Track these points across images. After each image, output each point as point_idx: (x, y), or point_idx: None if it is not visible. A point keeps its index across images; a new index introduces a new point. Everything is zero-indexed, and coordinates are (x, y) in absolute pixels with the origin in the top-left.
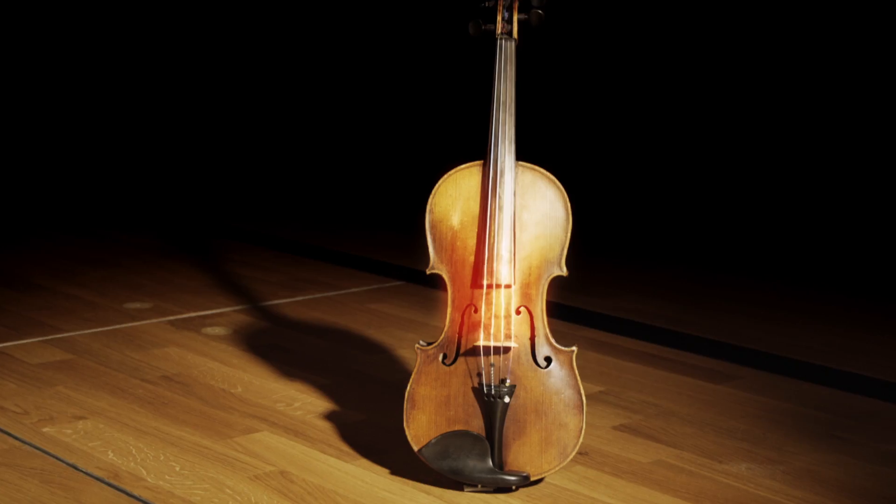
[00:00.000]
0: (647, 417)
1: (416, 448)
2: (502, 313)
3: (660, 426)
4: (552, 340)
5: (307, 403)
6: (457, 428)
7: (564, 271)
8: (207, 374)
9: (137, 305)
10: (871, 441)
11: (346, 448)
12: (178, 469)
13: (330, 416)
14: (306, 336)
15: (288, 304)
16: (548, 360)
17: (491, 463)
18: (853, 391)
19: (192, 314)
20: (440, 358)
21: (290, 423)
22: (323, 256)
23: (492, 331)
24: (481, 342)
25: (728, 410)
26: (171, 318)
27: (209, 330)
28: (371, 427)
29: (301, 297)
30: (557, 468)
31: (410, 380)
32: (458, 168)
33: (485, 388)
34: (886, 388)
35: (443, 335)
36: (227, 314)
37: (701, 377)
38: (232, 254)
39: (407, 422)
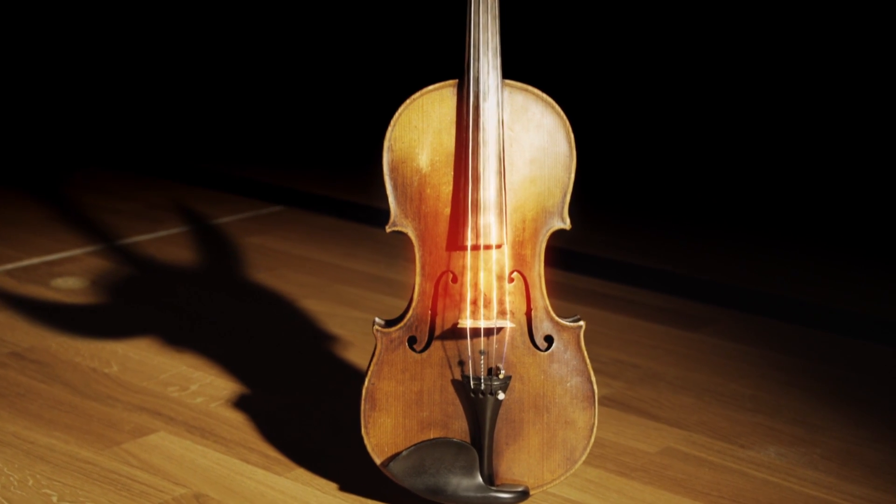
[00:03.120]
0: (631, 384)
1: (379, 461)
2: (493, 282)
3: (650, 397)
4: (553, 314)
5: (207, 385)
6: (433, 434)
7: (567, 223)
8: (70, 348)
9: None
10: None
11: (273, 452)
12: (55, 500)
13: (241, 404)
14: (182, 286)
15: (151, 241)
16: (548, 339)
17: (480, 477)
18: (853, 336)
19: (35, 260)
20: (408, 343)
21: (191, 418)
22: (181, 177)
23: (480, 307)
24: (467, 322)
25: (721, 369)
26: (9, 266)
27: (60, 282)
28: (298, 417)
29: (165, 232)
30: (563, 477)
31: (368, 372)
32: (426, 90)
33: (472, 382)
34: (890, 330)
35: (410, 312)
36: (78, 259)
37: (672, 323)
38: (71, 176)
39: (366, 427)
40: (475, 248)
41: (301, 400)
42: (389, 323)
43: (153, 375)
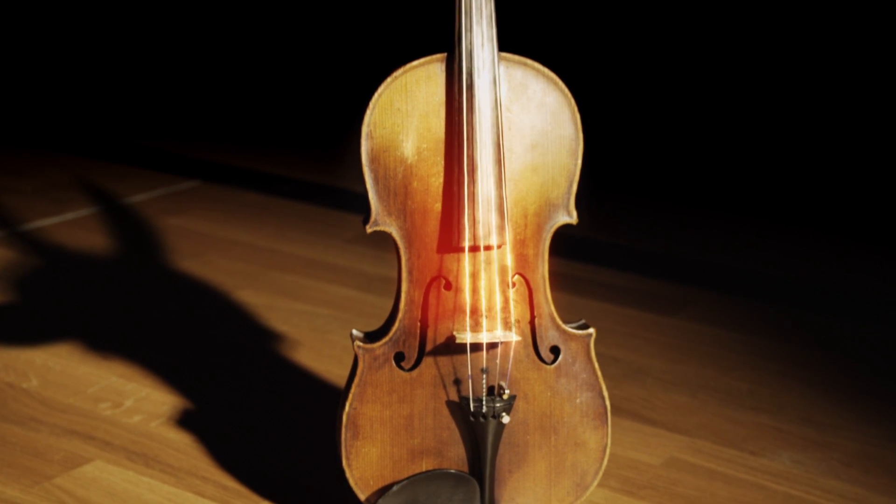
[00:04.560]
0: (617, 382)
1: (364, 497)
2: (496, 289)
3: (641, 396)
4: (559, 321)
5: (143, 400)
6: (426, 464)
7: (573, 217)
8: None
9: None
10: None
11: (230, 482)
12: None
13: (185, 422)
14: (100, 278)
15: (58, 225)
16: (555, 350)
17: None
18: (842, 315)
19: None
20: (394, 360)
21: (130, 441)
22: (82, 150)
23: (481, 318)
24: (467, 337)
25: (709, 359)
26: None
27: None
28: (254, 437)
29: (72, 214)
30: None
31: (349, 395)
32: (410, 66)
33: (471, 405)
34: (881, 307)
35: (396, 325)
36: None
37: (645, 307)
38: None
39: (348, 458)
40: (473, 249)
41: (253, 415)
42: (371, 337)
43: (80, 390)
